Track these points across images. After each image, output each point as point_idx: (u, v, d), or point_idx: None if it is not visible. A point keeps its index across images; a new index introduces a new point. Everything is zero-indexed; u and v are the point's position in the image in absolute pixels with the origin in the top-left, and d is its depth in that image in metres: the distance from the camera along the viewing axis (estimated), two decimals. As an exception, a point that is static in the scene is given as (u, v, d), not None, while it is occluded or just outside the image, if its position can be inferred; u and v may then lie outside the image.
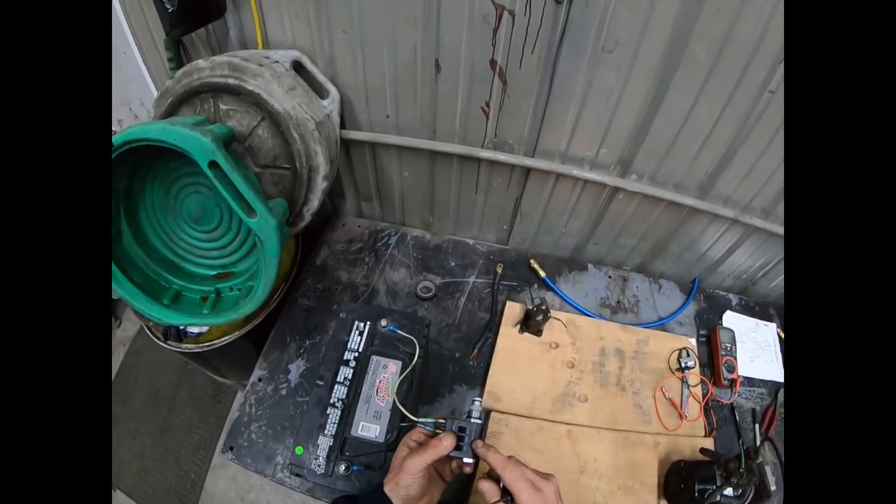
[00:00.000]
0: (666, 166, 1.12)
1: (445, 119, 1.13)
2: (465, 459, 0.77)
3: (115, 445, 2.24)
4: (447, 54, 0.99)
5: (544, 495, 0.71)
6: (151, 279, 1.03)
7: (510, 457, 0.75)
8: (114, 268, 0.95)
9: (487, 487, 0.74)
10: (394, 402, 0.94)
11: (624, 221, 1.30)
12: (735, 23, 0.83)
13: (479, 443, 0.78)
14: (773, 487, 0.98)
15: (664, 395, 1.21)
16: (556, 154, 1.14)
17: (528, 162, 1.15)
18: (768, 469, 0.99)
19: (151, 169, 0.99)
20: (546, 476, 0.74)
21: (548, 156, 1.15)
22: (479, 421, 0.78)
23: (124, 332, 2.57)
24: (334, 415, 0.96)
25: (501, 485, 0.73)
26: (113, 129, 1.54)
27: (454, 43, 0.97)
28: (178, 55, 1.13)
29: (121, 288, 0.97)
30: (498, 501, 0.72)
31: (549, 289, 1.39)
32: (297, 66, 1.09)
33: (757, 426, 1.20)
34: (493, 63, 0.98)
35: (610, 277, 1.45)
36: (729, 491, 0.93)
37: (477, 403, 0.80)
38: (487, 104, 1.06)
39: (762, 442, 1.13)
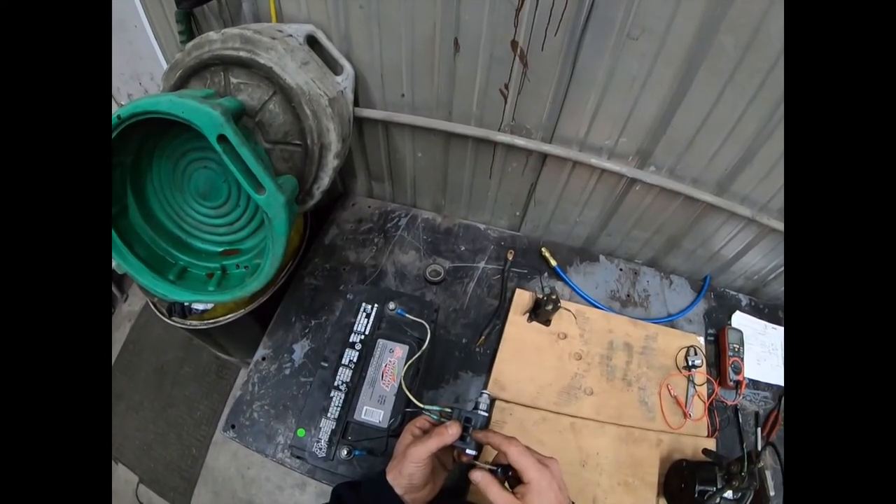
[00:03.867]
0: (685, 160, 1.09)
1: (462, 100, 1.10)
2: (468, 451, 0.75)
3: (117, 419, 2.27)
4: (467, 33, 0.96)
5: (551, 471, 0.69)
6: (157, 254, 1.02)
7: (511, 437, 0.73)
8: (119, 243, 0.94)
9: (480, 476, 0.71)
10: (399, 387, 0.93)
11: (639, 214, 1.28)
12: (766, 16, 0.79)
13: (477, 432, 0.76)
14: (772, 493, 0.97)
15: (670, 393, 1.20)
16: (575, 141, 1.11)
17: (546, 148, 1.13)
18: (768, 474, 0.98)
19: (159, 143, 0.97)
20: (549, 457, 0.73)
21: (566, 142, 1.12)
22: (485, 414, 0.77)
23: (130, 307, 2.58)
24: (338, 398, 0.95)
25: (500, 471, 0.73)
26: (122, 103, 1.52)
27: (475, 21, 0.94)
28: (189, 28, 1.11)
29: (126, 263, 0.96)
30: (494, 471, 0.72)
31: (560, 278, 1.37)
32: (311, 41, 1.06)
33: (759, 430, 1.19)
34: (514, 44, 0.95)
35: (621, 270, 1.43)
36: (729, 494, 0.92)
37: (485, 396, 0.79)
38: (506, 86, 1.03)
39: (764, 446, 1.11)
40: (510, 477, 0.72)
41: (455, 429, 0.74)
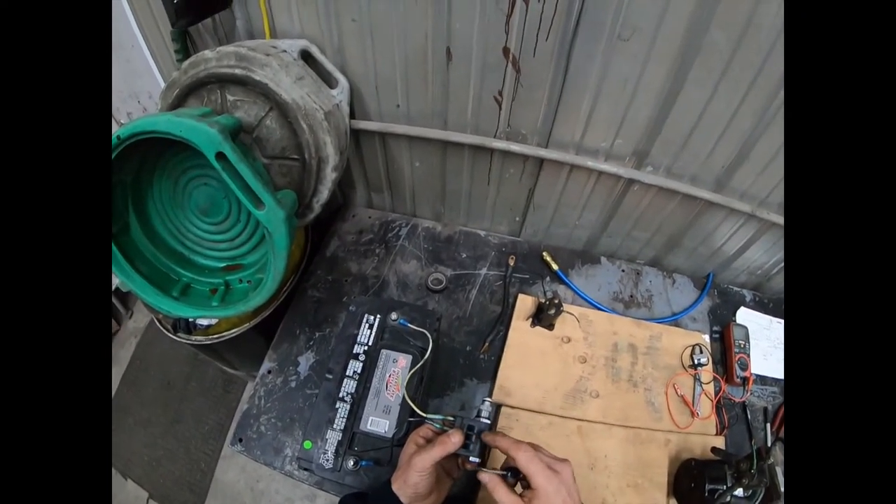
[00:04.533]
0: (682, 158, 1.09)
1: (457, 108, 1.11)
2: (472, 458, 0.75)
3: (125, 435, 2.27)
4: (459, 42, 0.97)
5: (561, 476, 0.68)
6: (160, 271, 1.03)
7: (521, 441, 0.72)
8: (122, 260, 0.95)
9: (488, 477, 0.71)
10: (403, 397, 0.93)
11: (638, 214, 1.28)
12: (756, 9, 0.79)
13: (486, 434, 0.76)
14: (782, 489, 0.96)
15: (676, 392, 1.19)
16: (571, 145, 1.12)
17: (542, 153, 1.13)
18: (779, 470, 0.97)
19: (159, 161, 0.98)
20: (561, 459, 0.71)
21: (562, 146, 1.13)
22: (488, 421, 0.77)
23: (135, 324, 2.59)
24: (343, 409, 0.95)
25: (509, 475, 0.72)
26: (121, 122, 1.54)
27: (466, 30, 0.94)
28: (185, 46, 1.12)
29: (129, 280, 0.96)
30: (504, 475, 0.71)
31: (562, 282, 1.37)
32: (306, 56, 1.07)
33: (768, 426, 1.18)
34: (506, 51, 0.96)
35: (623, 271, 1.43)
36: (739, 491, 0.92)
37: (487, 403, 0.79)
38: (500, 93, 1.04)
39: (773, 442, 1.11)
40: (521, 479, 0.71)
41: (457, 437, 0.74)
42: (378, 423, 0.93)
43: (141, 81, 1.37)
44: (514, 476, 0.72)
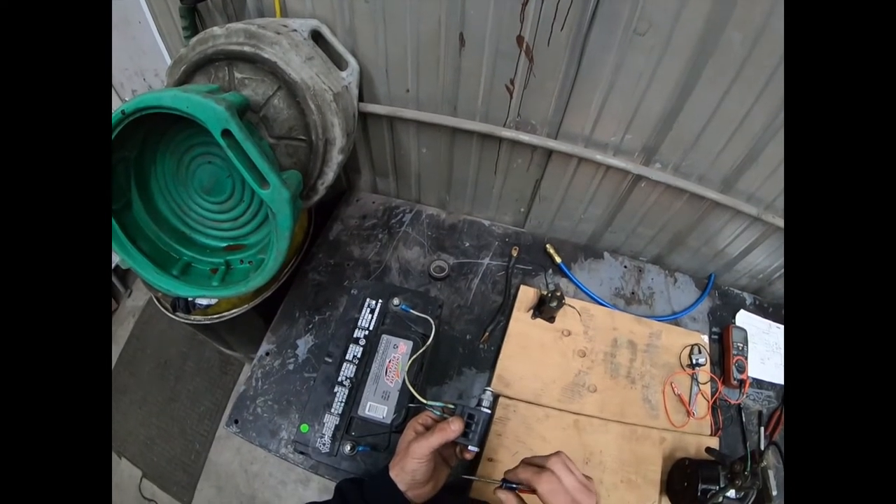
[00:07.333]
0: (691, 157, 1.08)
1: (468, 95, 1.10)
2: (471, 447, 0.75)
3: (121, 414, 2.28)
4: (472, 28, 0.96)
5: None
6: (161, 250, 1.02)
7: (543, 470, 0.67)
8: (123, 238, 0.94)
9: (506, 497, 0.68)
10: (403, 383, 0.93)
11: (644, 211, 1.27)
12: (773, 12, 0.78)
13: (509, 473, 0.72)
14: (774, 492, 0.97)
15: (673, 391, 1.19)
16: (580, 137, 1.11)
17: (551, 144, 1.12)
18: (771, 473, 0.97)
19: (163, 138, 0.97)
20: (589, 489, 0.65)
21: (571, 139, 1.12)
22: (488, 410, 0.77)
23: (134, 302, 2.59)
24: (342, 393, 0.95)
25: (504, 484, 0.71)
26: (126, 99, 1.53)
27: (480, 16, 0.93)
28: (193, 23, 1.11)
29: (130, 258, 0.96)
30: (504, 486, 0.70)
31: (564, 275, 1.37)
32: (316, 36, 1.06)
33: (762, 429, 1.19)
34: (520, 39, 0.94)
35: (626, 268, 1.43)
36: (731, 493, 0.92)
37: (488, 393, 0.78)
38: (512, 82, 1.03)
39: (767, 446, 1.11)
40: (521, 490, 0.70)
41: (457, 425, 0.74)
42: (376, 409, 0.93)
43: (147, 59, 1.36)
44: (507, 486, 0.70)
